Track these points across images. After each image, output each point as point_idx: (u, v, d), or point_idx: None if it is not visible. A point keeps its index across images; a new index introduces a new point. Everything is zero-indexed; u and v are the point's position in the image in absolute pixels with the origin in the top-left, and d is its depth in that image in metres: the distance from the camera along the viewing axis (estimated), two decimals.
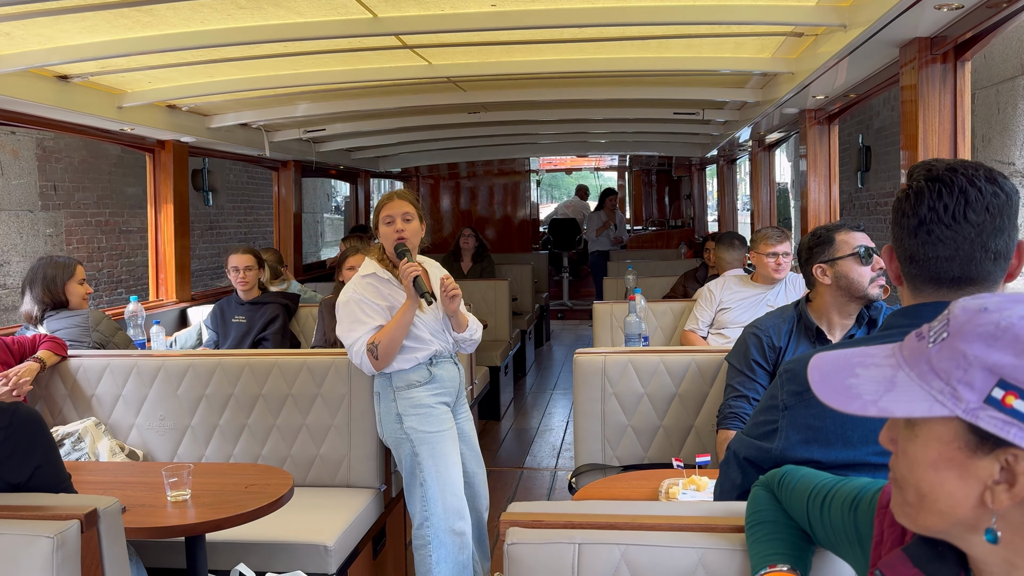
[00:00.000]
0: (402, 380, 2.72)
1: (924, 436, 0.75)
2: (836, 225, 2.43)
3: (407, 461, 2.71)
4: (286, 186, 6.30)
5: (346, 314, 2.71)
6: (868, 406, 0.74)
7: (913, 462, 0.76)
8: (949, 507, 0.74)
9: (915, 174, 1.21)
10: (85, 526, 1.57)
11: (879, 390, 0.74)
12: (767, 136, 5.71)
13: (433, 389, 2.75)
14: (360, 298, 2.69)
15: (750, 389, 2.42)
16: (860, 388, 0.75)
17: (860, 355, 0.80)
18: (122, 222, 7.64)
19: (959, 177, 1.16)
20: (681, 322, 4.08)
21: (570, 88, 4.61)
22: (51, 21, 2.67)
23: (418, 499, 2.70)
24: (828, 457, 1.30)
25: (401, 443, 2.71)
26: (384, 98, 4.59)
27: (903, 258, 1.22)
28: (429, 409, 2.72)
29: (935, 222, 1.16)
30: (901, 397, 0.73)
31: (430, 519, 2.68)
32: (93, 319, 3.40)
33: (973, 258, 1.16)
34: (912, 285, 1.22)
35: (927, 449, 0.74)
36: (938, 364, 0.72)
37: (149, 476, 2.50)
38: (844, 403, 0.75)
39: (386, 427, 2.76)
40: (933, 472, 0.74)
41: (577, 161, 10.81)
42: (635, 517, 1.36)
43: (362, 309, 2.68)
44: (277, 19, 2.85)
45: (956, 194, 1.15)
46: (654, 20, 2.87)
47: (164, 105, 4.18)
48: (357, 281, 2.74)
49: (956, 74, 2.61)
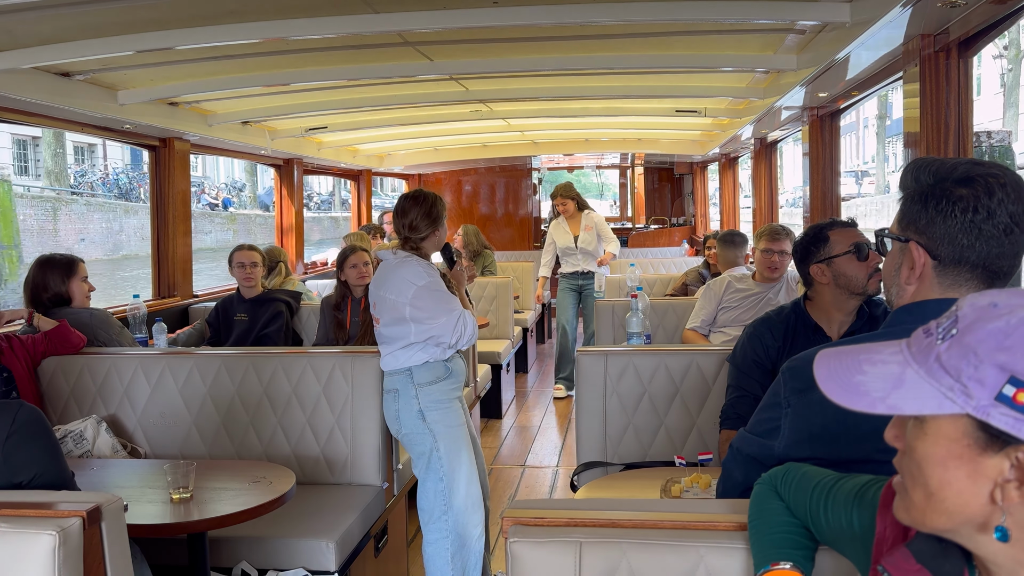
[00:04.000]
0: (423, 376, 2.75)
1: (933, 434, 0.74)
2: (828, 223, 2.41)
3: (427, 456, 2.74)
4: (287, 184, 6.30)
5: (432, 297, 2.73)
6: (876, 403, 0.73)
7: (921, 460, 0.75)
8: (958, 506, 0.73)
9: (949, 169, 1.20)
10: (88, 523, 1.57)
11: (887, 387, 0.74)
12: (770, 134, 5.70)
13: (451, 383, 2.80)
14: (438, 281, 2.77)
15: (751, 388, 2.41)
16: (868, 385, 0.75)
17: (867, 352, 0.79)
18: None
19: (1010, 172, 1.20)
20: (683, 321, 4.07)
21: (572, 85, 4.60)
22: (53, 18, 2.67)
23: (435, 493, 2.73)
24: (830, 454, 1.30)
25: (422, 438, 2.74)
26: (386, 95, 4.59)
27: (949, 255, 1.20)
28: (449, 403, 2.78)
29: (1005, 214, 1.17)
30: (910, 394, 0.72)
31: (448, 512, 2.72)
32: (97, 317, 3.40)
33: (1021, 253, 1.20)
34: (948, 281, 1.22)
35: (936, 447, 0.74)
36: (948, 361, 0.71)
37: (151, 473, 2.50)
38: (851, 400, 0.75)
39: (406, 423, 2.77)
40: (942, 470, 0.74)
41: (579, 159, 10.78)
42: (637, 515, 1.36)
43: (444, 289, 2.77)
44: (279, 16, 2.85)
45: (1018, 187, 1.18)
46: (656, 16, 2.86)
47: (165, 103, 4.18)
48: (424, 267, 2.76)
49: (960, 70, 2.60)
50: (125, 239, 23.22)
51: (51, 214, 20.78)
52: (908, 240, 1.24)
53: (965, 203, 1.19)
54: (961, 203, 1.19)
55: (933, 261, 1.22)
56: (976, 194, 1.18)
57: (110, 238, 22.82)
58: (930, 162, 1.24)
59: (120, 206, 23.95)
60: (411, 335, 2.72)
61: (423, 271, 2.73)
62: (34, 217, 20.10)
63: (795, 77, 3.60)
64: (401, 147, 7.43)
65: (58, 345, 3.15)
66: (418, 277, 2.71)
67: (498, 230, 10.06)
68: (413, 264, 2.75)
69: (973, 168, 1.20)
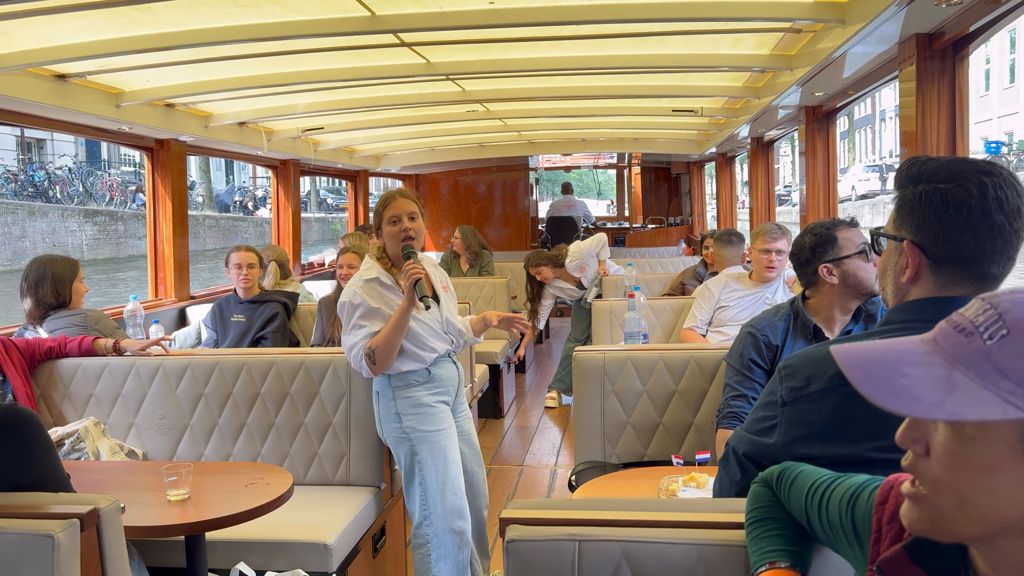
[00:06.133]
0: (401, 379, 2.71)
1: (982, 439, 0.69)
2: (832, 222, 2.39)
3: (406, 460, 2.71)
4: (284, 185, 6.30)
5: (345, 316, 2.69)
6: (934, 410, 0.68)
7: (961, 465, 0.71)
8: (997, 512, 0.70)
9: (944, 169, 1.20)
10: (85, 525, 1.57)
11: (939, 391, 0.68)
12: (766, 133, 5.71)
13: (432, 388, 2.74)
14: (360, 302, 2.64)
15: (748, 388, 2.41)
16: (917, 390, 0.69)
17: (892, 352, 0.74)
18: None
19: (1004, 170, 1.19)
20: (680, 320, 4.08)
21: (569, 85, 4.60)
22: (49, 20, 2.67)
23: (417, 498, 2.69)
24: (827, 453, 1.30)
25: (400, 442, 2.71)
26: (382, 96, 4.58)
27: (943, 254, 1.20)
28: (428, 408, 2.72)
29: (998, 212, 1.16)
30: (968, 399, 0.67)
31: (429, 518, 2.68)
32: (91, 318, 3.39)
33: (1015, 251, 1.19)
34: (943, 281, 1.21)
35: (985, 452, 0.69)
36: (1006, 363, 0.67)
37: (148, 475, 2.50)
38: (905, 406, 0.68)
39: (385, 426, 2.76)
40: (985, 475, 0.69)
41: (576, 159, 10.79)
42: (635, 514, 1.36)
43: (361, 313, 2.64)
44: (275, 17, 2.85)
45: (1011, 186, 1.17)
46: (652, 16, 2.86)
47: (162, 104, 4.17)
48: (358, 283, 2.69)
49: (955, 70, 2.61)
50: (29, 245, 19.25)
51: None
52: (903, 239, 1.24)
53: (958, 201, 1.18)
54: (954, 201, 1.19)
55: (928, 260, 1.22)
56: (968, 192, 1.18)
57: (8, 245, 19.15)
58: (924, 160, 1.24)
59: (25, 207, 20.01)
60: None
61: (351, 288, 2.69)
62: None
63: (791, 76, 3.61)
64: (398, 147, 7.43)
65: (67, 354, 3.16)
66: (347, 290, 2.71)
67: (495, 230, 10.06)
68: (355, 274, 2.76)
69: (966, 166, 1.20)
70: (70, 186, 23.12)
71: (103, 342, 3.14)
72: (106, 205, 23.58)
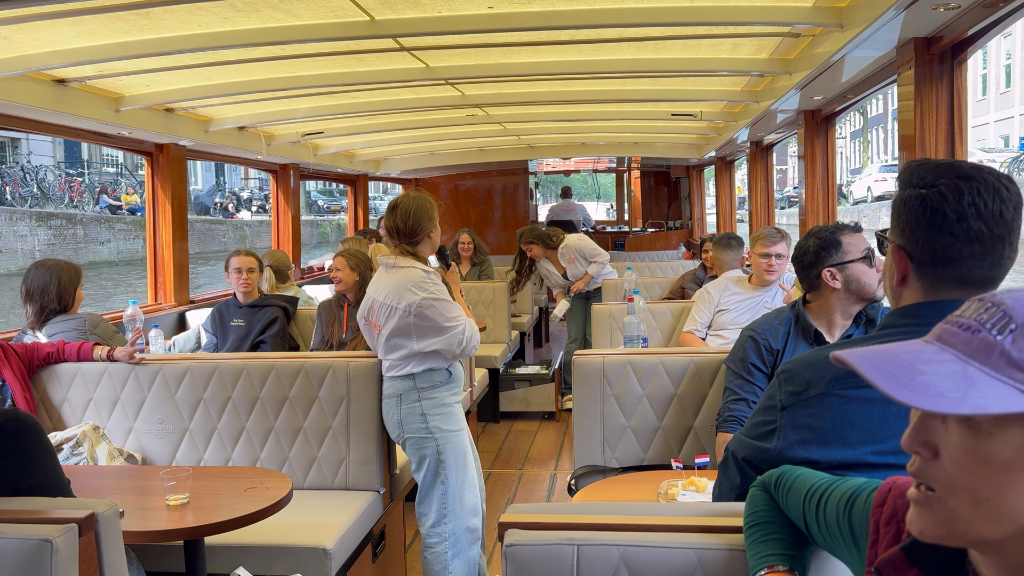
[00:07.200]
0: (426, 380, 2.75)
1: (1001, 434, 0.68)
2: (836, 227, 2.39)
3: (431, 460, 2.74)
4: (284, 189, 6.30)
5: (440, 307, 2.70)
6: (959, 404, 0.67)
7: (979, 463, 0.69)
8: (1016, 511, 0.68)
9: (930, 173, 1.20)
10: (83, 530, 1.57)
11: (960, 387, 0.68)
12: (765, 137, 5.72)
13: (452, 388, 2.82)
14: (443, 293, 2.74)
15: (748, 392, 2.41)
16: (938, 385, 0.68)
17: (902, 351, 0.73)
18: None
19: (989, 176, 1.18)
20: (680, 323, 4.08)
21: (568, 89, 4.61)
22: (48, 25, 2.67)
23: (437, 497, 2.73)
24: (826, 457, 1.30)
25: (425, 443, 2.74)
26: (382, 101, 4.59)
27: (925, 258, 1.20)
28: (451, 408, 2.80)
29: (975, 218, 1.16)
30: (988, 393, 0.66)
31: (448, 516, 2.72)
32: (91, 322, 3.39)
33: (1002, 256, 1.18)
34: (928, 284, 1.21)
35: (1004, 447, 0.68)
36: (1020, 355, 0.67)
37: (147, 480, 2.50)
38: (930, 402, 0.67)
39: (409, 428, 2.77)
40: (1004, 472, 0.68)
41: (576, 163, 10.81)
42: (634, 518, 1.36)
43: (447, 298, 2.74)
44: (274, 22, 2.85)
45: (992, 192, 1.16)
46: (651, 21, 2.87)
47: (162, 108, 4.18)
48: (429, 279, 2.71)
49: (953, 74, 2.62)
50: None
51: None
52: (892, 243, 1.25)
53: (935, 205, 1.19)
54: (931, 206, 1.19)
55: (912, 264, 1.22)
56: (944, 196, 1.18)
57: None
58: (916, 165, 1.24)
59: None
60: (414, 346, 2.71)
61: (425, 280, 2.68)
62: None
63: (789, 81, 3.61)
64: (398, 151, 7.44)
65: (65, 359, 3.16)
66: (421, 287, 2.67)
67: (495, 234, 10.06)
68: (414, 272, 2.71)
69: (949, 171, 1.19)
70: (23, 187, 21.12)
71: (99, 351, 3.14)
72: (64, 207, 21.60)
